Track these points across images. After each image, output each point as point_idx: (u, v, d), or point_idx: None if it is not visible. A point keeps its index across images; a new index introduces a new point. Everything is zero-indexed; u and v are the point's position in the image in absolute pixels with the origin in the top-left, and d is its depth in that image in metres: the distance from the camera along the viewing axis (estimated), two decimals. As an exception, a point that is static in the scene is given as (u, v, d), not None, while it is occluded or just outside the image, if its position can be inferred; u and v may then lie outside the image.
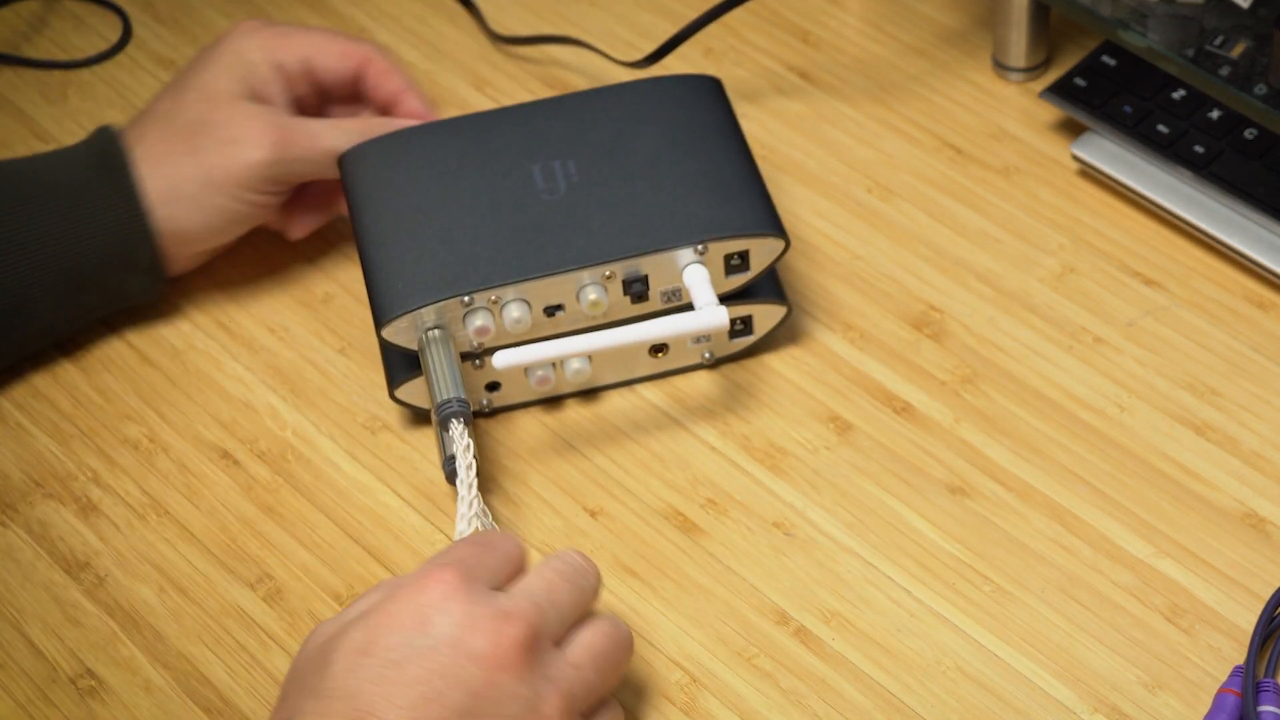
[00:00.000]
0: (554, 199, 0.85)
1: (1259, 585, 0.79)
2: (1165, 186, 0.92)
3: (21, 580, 0.82)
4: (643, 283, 0.84)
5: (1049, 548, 0.81)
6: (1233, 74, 0.88)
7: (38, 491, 0.85)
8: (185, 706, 0.77)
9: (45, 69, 1.06)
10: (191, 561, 0.82)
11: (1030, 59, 1.00)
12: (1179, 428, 0.84)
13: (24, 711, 0.77)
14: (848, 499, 0.83)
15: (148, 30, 1.08)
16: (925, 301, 0.90)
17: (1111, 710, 0.75)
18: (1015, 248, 0.92)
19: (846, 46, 1.03)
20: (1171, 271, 0.91)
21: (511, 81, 1.03)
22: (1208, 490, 0.82)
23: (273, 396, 0.88)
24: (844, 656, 0.78)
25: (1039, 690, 0.76)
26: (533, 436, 0.86)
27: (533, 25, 1.06)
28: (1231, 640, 0.77)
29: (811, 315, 0.90)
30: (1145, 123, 0.93)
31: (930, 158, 0.97)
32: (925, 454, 0.84)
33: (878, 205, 0.95)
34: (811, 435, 0.85)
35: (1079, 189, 0.95)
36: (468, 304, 0.82)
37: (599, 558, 0.81)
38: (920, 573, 0.80)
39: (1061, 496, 0.82)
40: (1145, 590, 0.79)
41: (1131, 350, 0.88)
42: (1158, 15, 0.91)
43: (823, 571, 0.80)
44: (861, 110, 1.00)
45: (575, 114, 0.89)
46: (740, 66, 1.02)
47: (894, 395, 0.87)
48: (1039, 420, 0.85)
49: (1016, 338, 0.88)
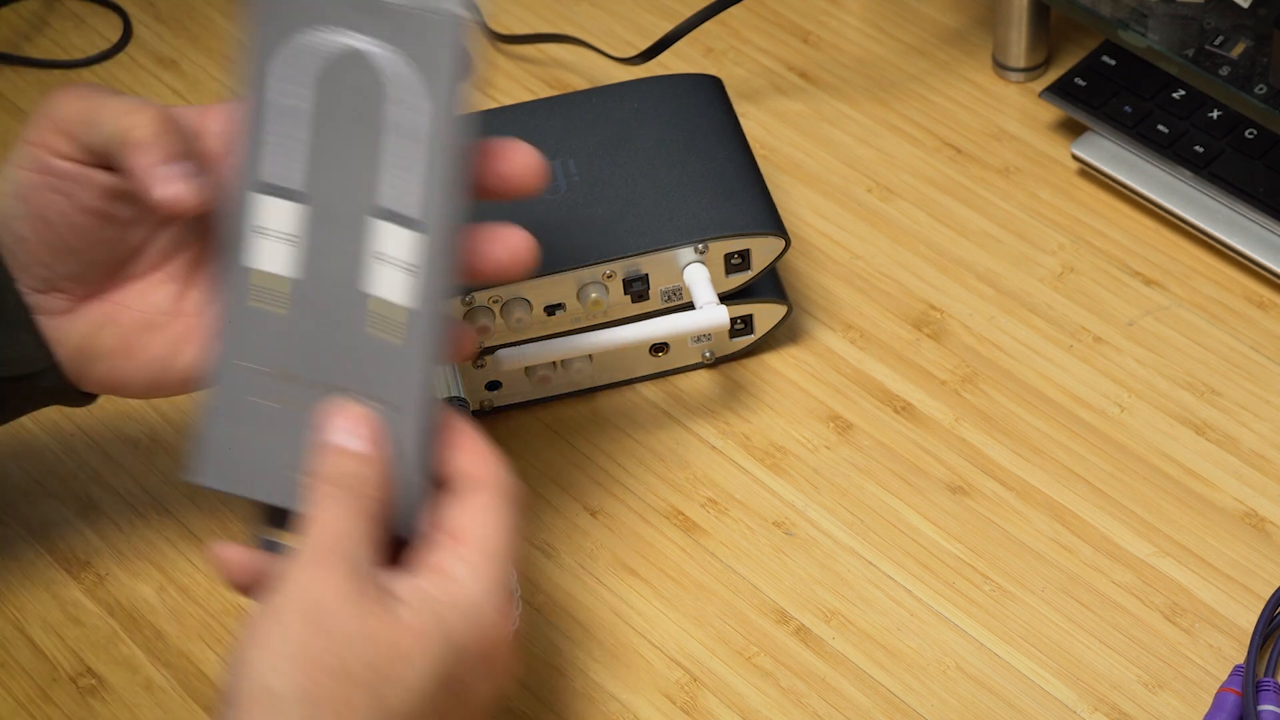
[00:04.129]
0: (554, 198, 0.85)
1: (1259, 584, 0.79)
2: (1165, 186, 0.92)
3: (22, 579, 0.82)
4: (643, 282, 0.84)
5: (1049, 547, 0.81)
6: (1233, 74, 0.88)
7: (38, 490, 0.85)
8: (186, 705, 0.77)
9: (45, 69, 1.06)
10: (192, 560, 0.82)
11: (1030, 59, 1.00)
12: (1179, 427, 0.84)
13: (24, 710, 0.77)
14: (848, 498, 0.83)
15: (148, 30, 1.08)
16: (925, 301, 0.90)
17: (1112, 709, 0.75)
18: (1015, 247, 0.92)
19: (847, 46, 1.03)
20: (1171, 271, 0.91)
21: (511, 81, 1.03)
22: (1208, 490, 0.82)
23: (273, 396, 0.88)
24: (844, 656, 0.78)
25: (1039, 689, 0.76)
26: (533, 436, 0.86)
27: (532, 25, 1.06)
28: (1231, 639, 0.77)
29: (812, 315, 0.90)
30: (1145, 122, 0.93)
31: (930, 157, 0.97)
32: (925, 453, 0.84)
33: (878, 205, 0.95)
34: (812, 434, 0.85)
35: (1079, 189, 0.95)
36: (468, 303, 0.82)
37: (599, 557, 0.81)
38: (920, 572, 0.80)
39: (1061, 496, 0.82)
40: (1145, 590, 0.79)
41: (1131, 350, 0.88)
42: (1158, 15, 0.91)
43: (823, 571, 0.80)
44: (861, 110, 1.00)
45: (576, 113, 0.89)
46: (740, 66, 1.02)
47: (894, 395, 0.87)
48: (1039, 420, 0.85)
49: (1016, 337, 0.88)
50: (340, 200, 0.67)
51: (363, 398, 0.66)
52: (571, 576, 0.81)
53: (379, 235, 0.66)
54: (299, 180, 0.67)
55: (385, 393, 0.66)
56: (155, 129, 0.69)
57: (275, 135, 0.67)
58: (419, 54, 0.66)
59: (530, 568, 0.81)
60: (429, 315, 0.66)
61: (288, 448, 0.67)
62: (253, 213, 0.67)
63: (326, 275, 0.67)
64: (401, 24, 0.66)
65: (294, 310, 0.67)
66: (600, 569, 0.81)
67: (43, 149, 0.71)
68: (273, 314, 0.67)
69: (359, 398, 0.67)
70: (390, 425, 0.66)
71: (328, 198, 0.67)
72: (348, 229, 0.66)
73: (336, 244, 0.67)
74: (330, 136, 0.67)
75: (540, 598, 0.80)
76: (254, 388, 0.67)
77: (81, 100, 0.71)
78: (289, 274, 0.67)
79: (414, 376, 0.66)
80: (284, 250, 0.67)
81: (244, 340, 0.68)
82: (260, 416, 0.68)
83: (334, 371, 0.67)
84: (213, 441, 0.68)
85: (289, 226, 0.67)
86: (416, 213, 0.66)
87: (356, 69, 0.66)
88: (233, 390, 0.68)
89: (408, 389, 0.66)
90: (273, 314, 0.67)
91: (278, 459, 0.67)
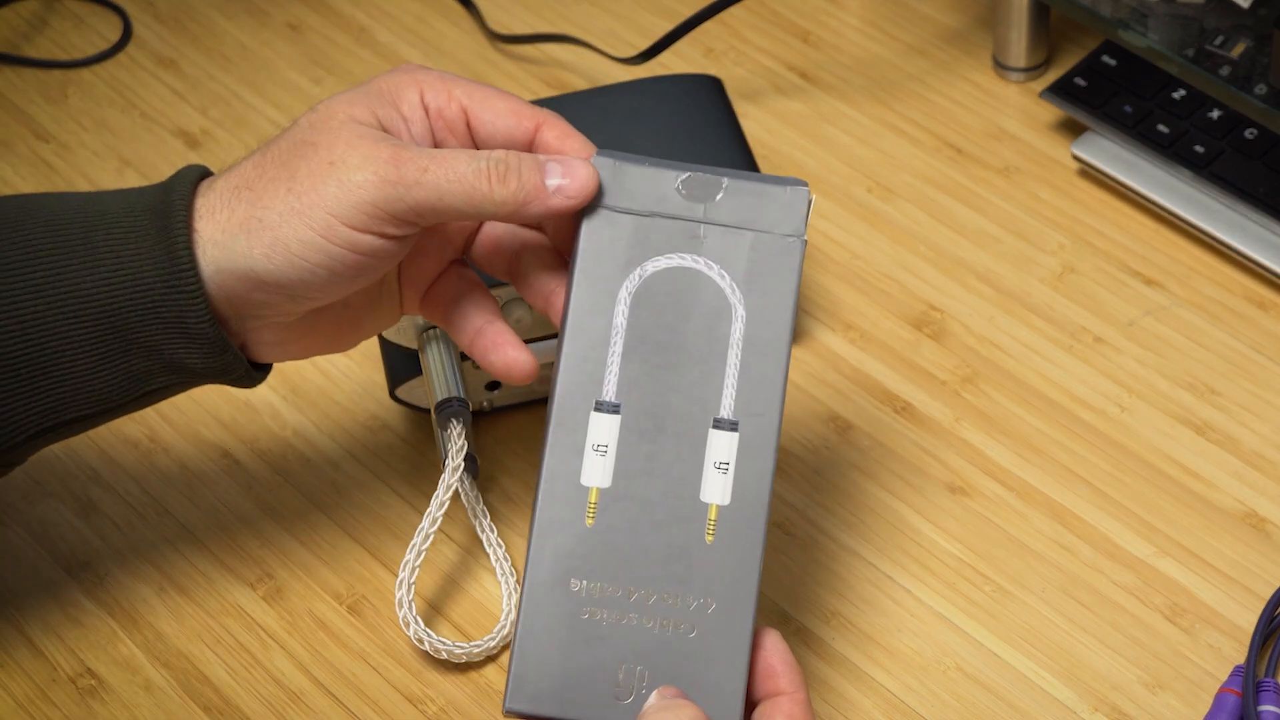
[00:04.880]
0: (554, 198, 0.85)
1: (1259, 585, 0.79)
2: (1165, 186, 0.92)
3: (21, 579, 0.82)
4: (643, 282, 0.84)
5: (1049, 547, 0.81)
6: (1233, 74, 0.88)
7: (38, 490, 0.85)
8: (185, 706, 0.77)
9: (45, 69, 1.06)
10: (191, 561, 0.82)
11: (1030, 59, 1.00)
12: (1179, 427, 0.84)
13: (24, 711, 0.77)
14: (848, 499, 0.83)
15: (148, 30, 1.08)
16: (925, 301, 0.90)
17: (1112, 710, 0.75)
18: (1015, 247, 0.92)
19: (846, 46, 1.03)
20: (1172, 271, 0.91)
21: (511, 81, 1.03)
22: (1208, 490, 0.82)
23: (273, 396, 0.88)
24: (844, 656, 0.78)
25: (1039, 690, 0.76)
26: (533, 436, 0.86)
27: (532, 25, 1.06)
28: (1232, 640, 0.77)
29: (811, 315, 0.90)
30: (1145, 122, 0.93)
31: (930, 157, 0.97)
32: (925, 454, 0.84)
33: (878, 205, 0.95)
34: (812, 435, 0.85)
35: (1079, 189, 0.95)
36: (468, 303, 0.82)
37: (599, 557, 0.81)
38: (920, 572, 0.80)
39: (1062, 496, 0.82)
40: (1145, 590, 0.79)
41: (1132, 350, 0.88)
42: (1158, 15, 0.91)
43: (823, 571, 0.80)
44: (861, 110, 1.00)
45: (576, 114, 0.89)
46: (740, 66, 1.02)
47: (894, 395, 0.87)
48: (1039, 420, 0.85)
49: (1017, 337, 0.88)
50: (678, 413, 0.68)
51: (693, 597, 0.67)
52: (571, 577, 0.81)
53: (716, 445, 0.68)
54: (637, 397, 0.68)
55: (715, 592, 0.67)
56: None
57: (614, 356, 0.69)
58: (755, 270, 0.69)
59: (530, 568, 0.81)
60: (757, 513, 0.68)
61: (608, 663, 0.66)
62: (593, 431, 0.68)
63: (663, 488, 0.68)
64: (741, 241, 0.69)
65: (631, 524, 0.68)
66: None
67: (348, 226, 0.68)
68: (607, 528, 0.67)
69: (689, 599, 0.67)
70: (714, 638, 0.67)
71: (664, 412, 0.68)
72: (687, 441, 0.68)
73: (675, 456, 0.68)
74: (669, 354, 0.69)
75: (540, 598, 0.80)
76: (580, 605, 0.67)
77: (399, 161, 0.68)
78: (624, 489, 0.68)
79: (748, 575, 0.67)
80: (618, 465, 0.68)
81: (574, 556, 0.67)
82: (585, 633, 0.67)
83: (664, 580, 0.67)
84: (530, 664, 0.66)
85: (624, 443, 0.68)
86: (741, 415, 0.68)
87: (696, 288, 0.69)
88: (558, 609, 0.67)
89: (740, 587, 0.67)
90: (607, 528, 0.67)
91: (598, 675, 0.66)
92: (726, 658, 0.66)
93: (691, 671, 0.66)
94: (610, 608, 0.67)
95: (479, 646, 0.78)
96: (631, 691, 0.66)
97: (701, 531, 0.67)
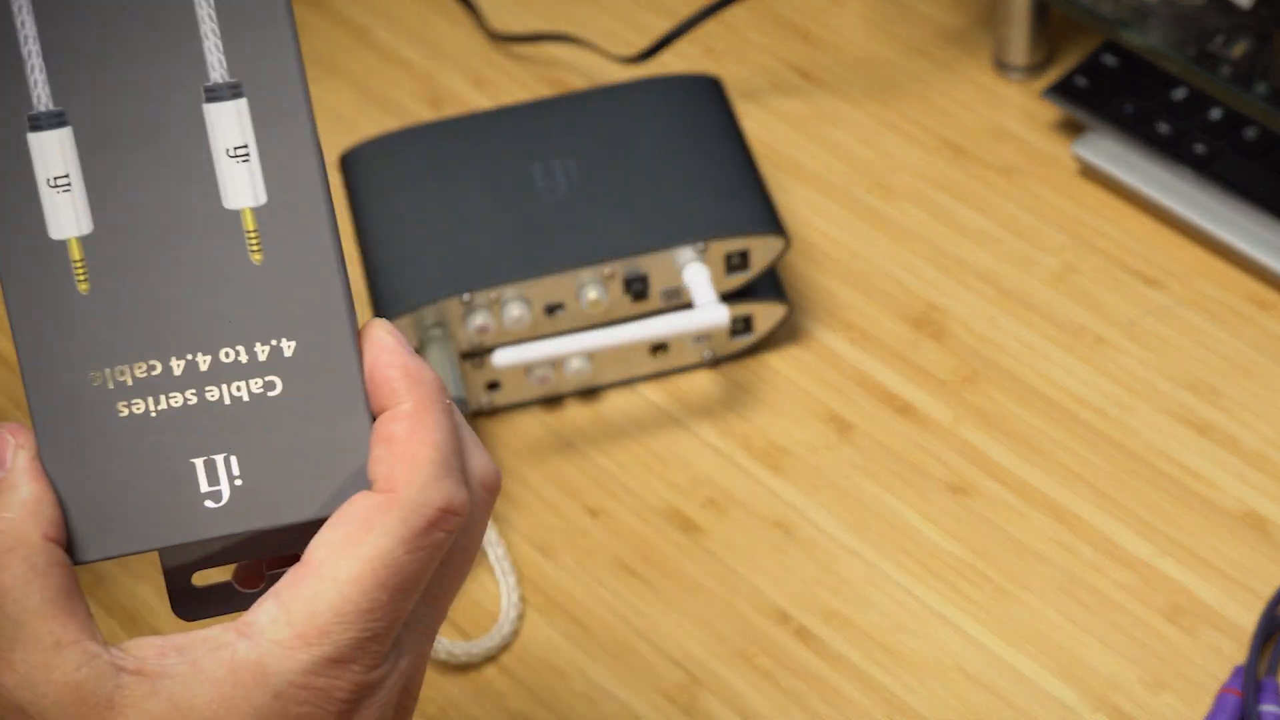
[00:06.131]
0: (554, 198, 0.85)
1: (1260, 585, 0.79)
2: (1166, 186, 0.92)
3: (21, 579, 0.82)
4: (643, 281, 0.84)
5: (1049, 547, 0.80)
6: (1233, 74, 0.88)
7: (37, 491, 0.85)
8: (185, 706, 0.77)
9: (45, 68, 1.06)
10: (191, 561, 0.82)
11: (1031, 58, 0.99)
12: (1180, 427, 0.84)
13: (23, 711, 0.77)
14: (848, 498, 0.83)
15: (148, 29, 1.08)
16: (926, 301, 0.90)
17: (1112, 710, 0.75)
18: (1016, 247, 0.92)
19: (847, 46, 1.03)
20: (1172, 271, 0.91)
21: (511, 81, 1.03)
22: (1208, 490, 0.82)
23: (272, 396, 0.88)
24: (844, 656, 0.78)
25: (1040, 690, 0.76)
26: (533, 436, 0.86)
27: (533, 24, 1.06)
28: (1232, 640, 0.77)
29: (811, 315, 0.90)
30: (1146, 122, 0.93)
31: (931, 157, 0.97)
32: (926, 453, 0.84)
33: (878, 205, 0.95)
34: (812, 435, 0.85)
35: (1080, 188, 0.95)
36: (468, 303, 0.82)
37: (599, 557, 0.81)
38: (921, 572, 0.80)
39: (1062, 496, 0.82)
40: (1146, 590, 0.79)
41: (1132, 350, 0.87)
42: (1159, 15, 0.91)
43: (823, 571, 0.80)
44: (862, 109, 1.00)
45: (575, 113, 0.89)
46: (741, 65, 1.02)
47: (894, 395, 0.87)
48: (1039, 420, 0.85)
49: (1017, 337, 0.88)
50: (153, 99, 0.51)
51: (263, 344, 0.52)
52: (571, 577, 0.81)
53: (219, 124, 0.51)
54: (83, 99, 0.51)
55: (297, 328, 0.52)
56: None
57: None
58: None
59: (530, 568, 0.81)
60: (313, 206, 0.51)
61: (177, 462, 0.52)
62: (39, 161, 0.51)
63: (167, 209, 0.51)
64: None
65: (141, 273, 0.51)
66: (600, 569, 0.81)
67: None
68: (110, 289, 0.51)
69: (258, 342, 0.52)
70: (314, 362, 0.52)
71: (130, 104, 0.51)
72: (176, 132, 0.51)
73: (168, 157, 0.51)
74: (108, 30, 0.51)
75: (540, 598, 0.80)
76: (112, 401, 0.52)
77: None
78: (113, 228, 0.51)
79: (328, 293, 0.52)
80: (93, 199, 0.51)
81: (78, 341, 0.51)
82: (133, 435, 0.52)
83: (211, 333, 0.52)
84: (81, 499, 0.52)
85: (89, 166, 0.51)
86: (243, 76, 0.51)
87: None
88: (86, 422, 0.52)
89: (320, 311, 0.52)
90: (110, 289, 0.51)
91: (170, 482, 0.52)
92: (330, 403, 0.51)
93: (291, 436, 0.51)
94: (152, 392, 0.51)
95: (478, 646, 0.78)
96: (222, 490, 0.52)
97: (242, 249, 0.51)
